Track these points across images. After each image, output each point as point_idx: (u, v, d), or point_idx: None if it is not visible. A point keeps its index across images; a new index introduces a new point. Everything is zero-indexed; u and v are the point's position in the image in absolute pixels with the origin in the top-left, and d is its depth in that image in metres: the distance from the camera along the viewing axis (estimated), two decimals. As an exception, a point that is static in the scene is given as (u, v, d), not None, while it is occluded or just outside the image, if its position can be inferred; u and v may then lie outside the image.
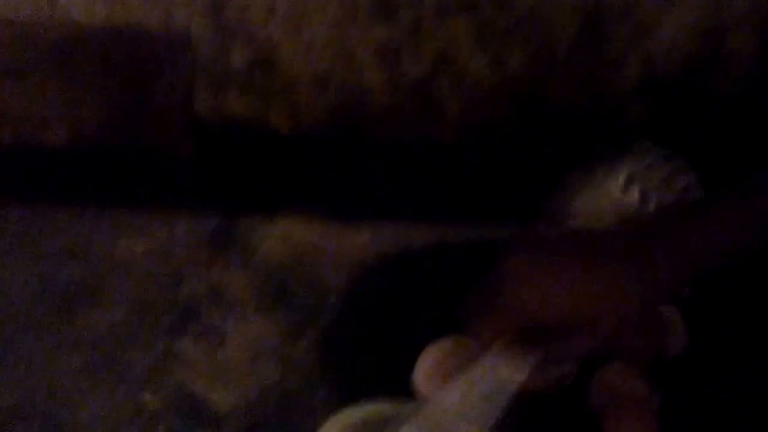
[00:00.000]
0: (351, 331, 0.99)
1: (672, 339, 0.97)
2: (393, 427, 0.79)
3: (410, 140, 1.18)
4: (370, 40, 1.10)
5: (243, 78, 1.12)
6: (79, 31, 1.09)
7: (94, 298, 1.00)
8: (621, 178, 1.01)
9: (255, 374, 0.94)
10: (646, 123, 1.17)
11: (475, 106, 1.15)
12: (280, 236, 1.08)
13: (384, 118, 1.16)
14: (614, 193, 1.00)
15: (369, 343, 0.97)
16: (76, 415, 0.89)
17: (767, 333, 1.00)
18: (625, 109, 1.17)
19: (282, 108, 1.14)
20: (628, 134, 1.11)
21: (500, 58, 1.12)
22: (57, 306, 0.99)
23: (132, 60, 1.12)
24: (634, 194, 1.00)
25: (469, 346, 0.92)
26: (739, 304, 1.02)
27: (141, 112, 1.16)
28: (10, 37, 1.09)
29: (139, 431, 0.88)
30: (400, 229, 1.09)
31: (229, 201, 1.11)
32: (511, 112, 1.16)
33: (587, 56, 1.11)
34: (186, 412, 0.90)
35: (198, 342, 0.97)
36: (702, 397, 0.94)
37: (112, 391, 0.91)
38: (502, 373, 0.79)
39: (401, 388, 0.90)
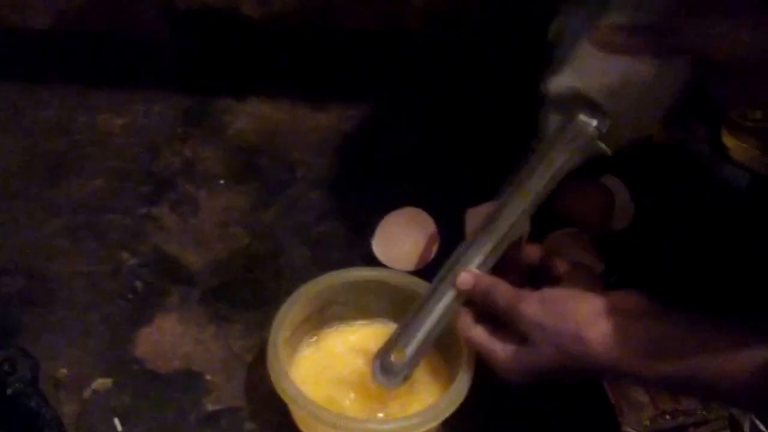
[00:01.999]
0: (315, 202, 1.05)
1: (618, 212, 1.04)
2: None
3: (378, 28, 1.23)
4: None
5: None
6: None
7: (76, 168, 1.07)
8: None
9: (225, 239, 1.01)
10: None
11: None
12: (251, 115, 1.15)
13: (352, 6, 1.21)
14: None
15: (332, 213, 1.04)
16: (60, 270, 0.96)
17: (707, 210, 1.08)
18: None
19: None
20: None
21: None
22: (41, 175, 1.06)
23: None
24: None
25: (422, 216, 0.99)
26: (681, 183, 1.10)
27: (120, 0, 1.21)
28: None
29: (117, 285, 0.95)
30: (364, 110, 1.15)
31: (203, 83, 1.18)
32: (473, 1, 1.21)
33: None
34: (161, 270, 0.97)
35: (173, 209, 1.04)
36: (643, 269, 1.01)
37: (93, 250, 0.98)
38: None
39: (360, 253, 0.98)
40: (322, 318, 0.88)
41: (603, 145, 0.84)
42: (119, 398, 0.86)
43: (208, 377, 0.88)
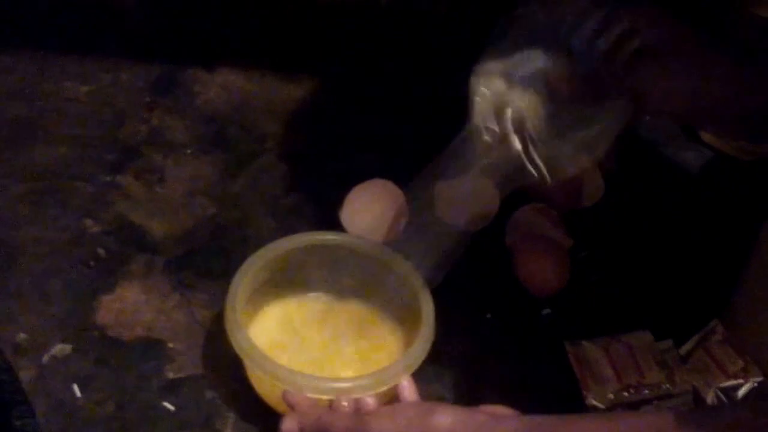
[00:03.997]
0: (283, 173, 1.04)
1: (588, 187, 1.03)
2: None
3: (349, 1, 1.22)
4: None
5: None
6: None
7: (40, 135, 1.05)
8: None
9: (191, 208, 1.00)
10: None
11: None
12: (220, 86, 1.13)
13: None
14: None
15: (300, 184, 1.03)
16: (20, 236, 0.95)
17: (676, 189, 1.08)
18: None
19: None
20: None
21: None
22: (4, 140, 1.04)
23: None
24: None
25: (391, 188, 0.99)
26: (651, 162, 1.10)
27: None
28: None
29: (80, 252, 0.94)
30: (332, 81, 1.15)
31: (172, 52, 1.16)
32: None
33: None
34: (125, 238, 0.96)
35: (138, 178, 1.02)
36: (612, 245, 1.01)
37: (55, 217, 0.97)
38: None
39: (328, 224, 0.97)
40: (286, 282, 0.87)
41: (531, 169, 0.79)
42: (79, 365, 0.85)
43: (171, 345, 0.87)
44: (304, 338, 0.85)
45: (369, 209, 0.97)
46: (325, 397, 0.76)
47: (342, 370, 0.83)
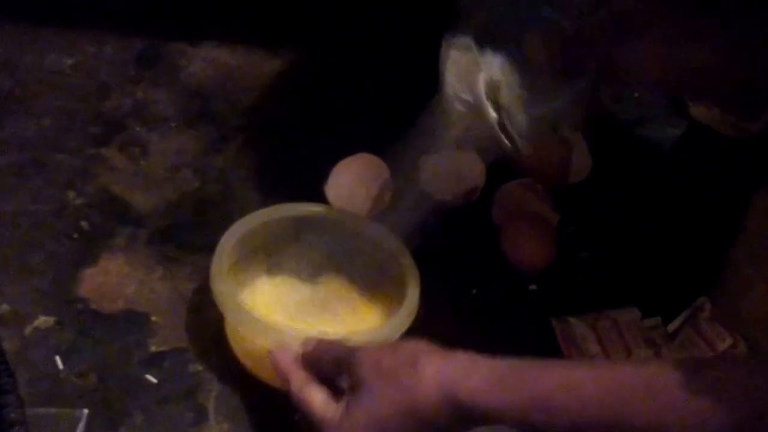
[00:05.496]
0: (268, 147, 1.03)
1: (576, 163, 1.03)
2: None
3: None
4: None
5: None
6: None
7: (24, 107, 1.04)
8: None
9: (175, 181, 0.99)
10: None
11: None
12: (205, 60, 1.12)
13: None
14: None
15: (285, 158, 1.02)
16: (4, 208, 0.94)
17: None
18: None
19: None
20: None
21: None
22: (-15, 112, 1.03)
23: None
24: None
25: (376, 162, 0.98)
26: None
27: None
28: None
29: (63, 224, 0.93)
30: (317, 56, 1.14)
31: (157, 26, 1.15)
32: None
33: None
34: (108, 210, 0.95)
35: (122, 151, 1.01)
36: (600, 220, 1.00)
37: (39, 189, 0.96)
38: None
39: (313, 199, 0.96)
40: (272, 252, 0.87)
41: (504, 139, 0.76)
42: (61, 336, 0.84)
43: (154, 318, 0.87)
44: (288, 309, 0.84)
45: (354, 183, 0.97)
46: None
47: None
